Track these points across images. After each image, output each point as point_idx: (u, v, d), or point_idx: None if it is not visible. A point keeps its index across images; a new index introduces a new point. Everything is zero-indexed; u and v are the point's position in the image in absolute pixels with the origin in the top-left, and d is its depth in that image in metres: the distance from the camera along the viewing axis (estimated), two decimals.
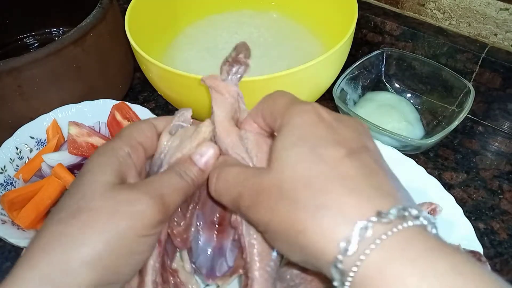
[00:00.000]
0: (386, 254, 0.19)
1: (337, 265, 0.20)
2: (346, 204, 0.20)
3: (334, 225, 0.20)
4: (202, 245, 0.30)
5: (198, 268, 0.30)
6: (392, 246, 0.19)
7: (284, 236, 0.22)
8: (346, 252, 0.19)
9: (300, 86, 0.49)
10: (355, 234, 0.19)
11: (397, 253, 0.19)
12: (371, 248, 0.19)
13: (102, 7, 0.54)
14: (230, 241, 0.30)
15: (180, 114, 0.31)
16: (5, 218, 0.44)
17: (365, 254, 0.19)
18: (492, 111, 0.59)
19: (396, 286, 0.18)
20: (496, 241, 0.47)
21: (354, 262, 0.19)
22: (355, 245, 0.19)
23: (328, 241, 0.20)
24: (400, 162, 0.47)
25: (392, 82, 0.62)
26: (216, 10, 0.69)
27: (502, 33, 0.58)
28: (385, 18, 0.64)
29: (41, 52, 0.48)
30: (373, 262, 0.19)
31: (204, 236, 0.30)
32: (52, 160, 0.48)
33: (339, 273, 0.20)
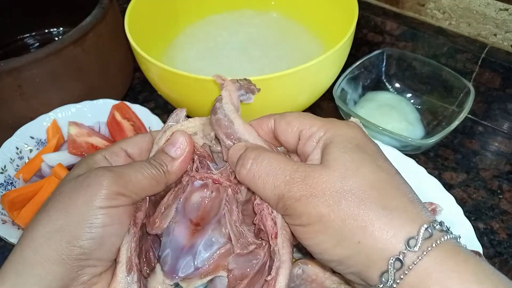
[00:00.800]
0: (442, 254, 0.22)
1: (400, 258, 0.22)
2: (410, 210, 0.23)
3: (401, 224, 0.22)
4: (172, 238, 0.29)
5: (162, 263, 0.29)
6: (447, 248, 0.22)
7: (337, 231, 0.23)
8: (412, 248, 0.21)
9: (300, 86, 0.49)
10: (421, 233, 0.22)
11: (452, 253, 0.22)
12: (433, 247, 0.22)
13: (102, 7, 0.54)
14: (203, 242, 0.29)
15: (175, 114, 0.32)
16: (6, 218, 0.44)
17: (427, 251, 0.21)
18: (492, 111, 0.59)
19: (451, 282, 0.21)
20: (495, 240, 0.47)
21: (417, 256, 0.21)
22: (420, 242, 0.22)
23: (393, 237, 0.22)
24: (401, 162, 0.47)
25: (392, 82, 0.62)
26: (216, 10, 0.69)
27: (502, 33, 0.58)
28: (385, 18, 0.64)
29: (41, 52, 0.48)
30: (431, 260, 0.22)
31: (177, 230, 0.30)
32: (52, 160, 0.48)
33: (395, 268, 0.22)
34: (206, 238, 0.29)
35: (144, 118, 0.53)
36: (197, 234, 0.30)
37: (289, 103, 0.52)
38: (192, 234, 0.30)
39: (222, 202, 0.30)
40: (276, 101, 0.50)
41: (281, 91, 0.48)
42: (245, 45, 0.63)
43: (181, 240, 0.29)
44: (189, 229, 0.30)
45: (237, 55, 0.62)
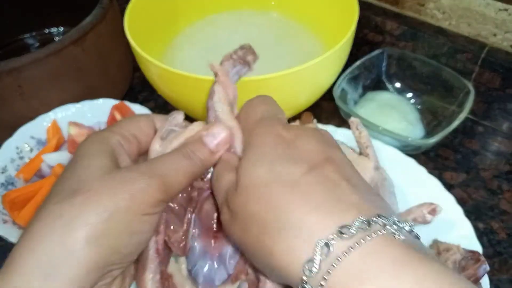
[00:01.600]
0: (349, 271, 0.19)
1: (304, 286, 0.19)
2: (307, 222, 0.20)
3: (297, 246, 0.20)
4: (198, 253, 0.29)
5: (195, 276, 0.29)
6: (354, 262, 0.19)
7: (257, 257, 0.23)
8: (311, 273, 0.19)
9: (300, 86, 0.49)
10: (317, 253, 0.19)
11: (358, 269, 0.18)
12: (333, 266, 0.19)
13: (102, 7, 0.54)
14: (230, 249, 0.29)
15: (172, 118, 0.30)
16: (6, 217, 0.44)
17: (328, 274, 0.19)
18: (492, 111, 0.59)
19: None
20: (495, 240, 0.47)
21: (318, 282, 0.19)
22: (317, 265, 0.19)
23: (293, 262, 0.20)
24: (401, 162, 0.47)
25: (392, 82, 0.62)
26: (216, 10, 0.69)
27: (502, 34, 0.58)
28: (385, 18, 0.64)
29: (41, 52, 0.48)
30: (338, 281, 0.19)
31: (201, 243, 0.29)
32: (52, 160, 0.48)
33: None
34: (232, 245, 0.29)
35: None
36: (219, 241, 0.29)
37: (289, 103, 0.52)
38: (215, 242, 0.29)
39: None
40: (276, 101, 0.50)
41: (281, 91, 0.48)
42: None
43: (207, 250, 0.29)
44: (210, 238, 0.29)
45: None
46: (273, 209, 0.21)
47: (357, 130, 0.46)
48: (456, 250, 0.38)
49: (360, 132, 0.46)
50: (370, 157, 0.45)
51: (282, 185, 0.22)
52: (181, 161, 0.26)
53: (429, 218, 0.38)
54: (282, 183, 0.22)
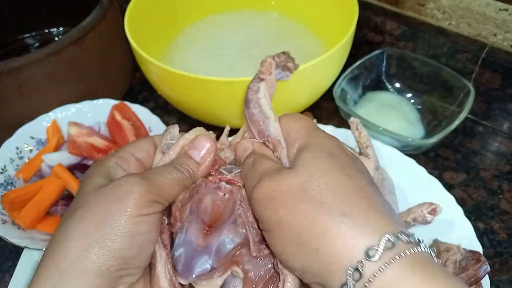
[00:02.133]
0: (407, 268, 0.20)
1: (358, 268, 0.20)
2: (372, 219, 0.22)
3: (360, 233, 0.21)
4: (185, 236, 0.29)
5: (175, 263, 0.29)
6: (413, 262, 0.21)
7: (296, 237, 0.22)
8: (371, 258, 0.20)
9: (300, 86, 0.49)
10: (382, 243, 0.21)
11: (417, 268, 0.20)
12: (396, 259, 0.20)
13: (102, 7, 0.54)
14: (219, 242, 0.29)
15: (168, 132, 0.31)
16: (6, 218, 0.44)
17: (389, 263, 0.20)
18: (492, 111, 0.59)
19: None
20: (495, 241, 0.47)
21: (377, 268, 0.20)
22: (380, 253, 0.20)
23: (351, 245, 0.21)
24: (401, 162, 0.47)
25: (392, 82, 0.62)
26: (216, 10, 0.69)
27: (502, 33, 0.58)
28: (385, 18, 0.64)
29: (41, 52, 0.48)
30: (394, 273, 0.20)
31: (190, 230, 0.29)
32: (52, 160, 0.48)
33: (354, 279, 0.21)
34: (222, 237, 0.29)
35: (144, 118, 0.53)
36: (210, 234, 0.29)
37: (289, 103, 0.52)
38: (206, 235, 0.29)
39: (236, 203, 0.29)
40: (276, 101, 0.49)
41: (281, 91, 0.48)
42: (245, 45, 0.63)
43: (194, 240, 0.29)
44: (202, 230, 0.29)
45: (237, 55, 0.62)
46: (340, 196, 0.22)
47: (357, 130, 0.46)
48: (456, 250, 0.38)
49: (360, 132, 0.46)
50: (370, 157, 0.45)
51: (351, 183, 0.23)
52: (171, 171, 0.28)
53: (429, 218, 0.38)
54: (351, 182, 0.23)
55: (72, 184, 0.46)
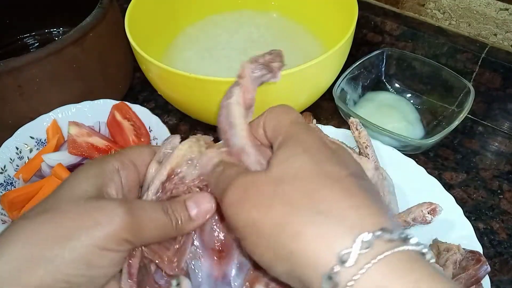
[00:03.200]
0: (386, 272, 0.18)
1: (331, 276, 0.18)
2: (349, 216, 0.20)
3: (334, 233, 0.19)
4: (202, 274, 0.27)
5: None
6: (394, 264, 0.18)
7: (271, 240, 0.21)
8: (345, 264, 0.18)
9: (300, 86, 0.49)
10: (356, 245, 0.19)
11: (399, 272, 0.18)
12: (373, 262, 0.18)
13: (102, 7, 0.54)
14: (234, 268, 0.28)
15: (168, 141, 0.30)
16: (5, 218, 0.44)
17: (365, 268, 0.18)
18: (492, 111, 0.59)
19: None
20: (495, 241, 0.47)
21: (351, 275, 0.18)
22: (355, 257, 0.18)
23: (325, 248, 0.19)
24: (400, 162, 0.47)
25: (392, 82, 0.62)
26: (216, 10, 0.69)
27: (502, 33, 0.58)
28: (385, 18, 0.64)
29: (41, 52, 0.48)
30: (372, 279, 0.18)
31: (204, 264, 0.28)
32: (52, 160, 0.48)
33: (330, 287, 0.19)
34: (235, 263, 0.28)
35: (144, 118, 0.53)
36: (223, 261, 0.28)
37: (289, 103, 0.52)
38: (219, 263, 0.28)
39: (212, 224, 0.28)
40: (276, 101, 0.49)
41: (281, 91, 0.48)
42: (245, 45, 0.63)
43: (211, 273, 0.28)
44: (214, 259, 0.28)
45: (237, 55, 0.62)
46: (313, 195, 0.21)
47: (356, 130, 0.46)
48: (456, 250, 0.38)
49: (359, 132, 0.46)
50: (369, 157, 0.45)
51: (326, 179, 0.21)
52: (158, 213, 0.26)
53: (429, 218, 0.38)
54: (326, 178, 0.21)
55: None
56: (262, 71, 0.28)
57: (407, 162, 0.47)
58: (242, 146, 0.27)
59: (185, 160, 0.28)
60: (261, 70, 0.28)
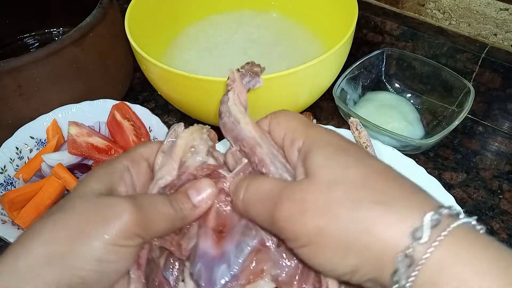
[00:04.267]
0: (456, 242, 0.20)
1: (408, 254, 0.20)
2: (410, 200, 0.22)
3: (403, 217, 0.21)
4: (200, 252, 0.28)
5: (197, 280, 0.28)
6: (460, 235, 0.20)
7: (343, 240, 0.22)
8: (419, 240, 0.20)
9: (300, 86, 0.49)
10: (426, 222, 0.20)
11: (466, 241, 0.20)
12: (443, 235, 0.20)
13: (102, 7, 0.54)
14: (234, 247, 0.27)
15: (172, 131, 0.30)
16: (5, 218, 0.44)
17: (438, 241, 0.20)
18: (492, 111, 0.59)
19: (469, 273, 0.19)
20: None
21: (426, 249, 0.20)
22: (428, 232, 0.20)
23: (398, 232, 0.20)
24: (400, 162, 0.47)
25: (392, 82, 0.62)
26: (216, 10, 0.69)
27: (502, 33, 0.58)
28: (385, 18, 0.64)
29: (41, 52, 0.48)
30: (444, 250, 0.20)
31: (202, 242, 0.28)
32: (52, 160, 0.48)
33: (406, 264, 0.20)
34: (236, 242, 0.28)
35: (144, 118, 0.53)
36: (223, 241, 0.28)
37: (289, 103, 0.52)
38: (218, 242, 0.28)
39: None
40: (276, 101, 0.50)
41: (281, 91, 0.48)
42: (245, 45, 0.64)
43: (209, 251, 0.28)
44: (213, 238, 0.28)
45: (237, 55, 0.62)
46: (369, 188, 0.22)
47: (356, 130, 0.46)
48: None
49: (359, 132, 0.46)
50: None
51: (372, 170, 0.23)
52: (164, 206, 0.26)
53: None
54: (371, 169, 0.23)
55: (72, 184, 0.46)
56: (246, 77, 0.30)
57: (407, 162, 0.47)
58: (253, 137, 0.27)
59: (188, 148, 0.29)
60: (247, 76, 0.30)
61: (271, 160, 0.26)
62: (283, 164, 0.26)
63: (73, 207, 0.25)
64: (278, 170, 0.26)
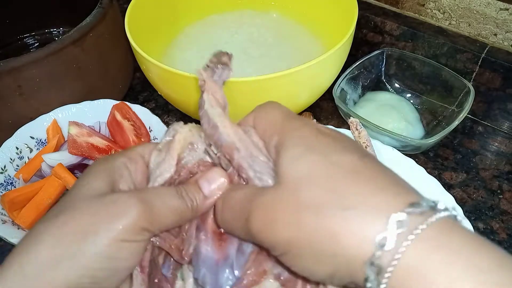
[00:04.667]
0: (425, 246, 0.19)
1: (374, 262, 0.19)
2: (374, 202, 0.20)
3: (366, 223, 0.20)
4: (203, 257, 0.27)
5: (202, 285, 0.27)
6: (431, 237, 0.19)
7: (311, 249, 0.21)
8: (383, 247, 0.19)
9: (300, 86, 0.49)
10: (390, 227, 0.19)
11: (437, 243, 0.19)
12: (410, 239, 0.19)
13: (102, 7, 0.54)
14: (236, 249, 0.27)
15: (171, 129, 0.29)
16: (6, 218, 0.44)
17: (405, 247, 0.19)
18: (492, 111, 0.59)
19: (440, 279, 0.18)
20: (495, 241, 0.47)
21: (392, 256, 0.19)
22: (393, 238, 0.19)
23: (362, 239, 0.20)
24: (400, 162, 0.47)
25: (392, 82, 0.62)
26: (216, 10, 0.69)
27: (502, 33, 0.58)
28: (385, 18, 0.64)
29: (41, 52, 0.48)
30: (413, 255, 0.19)
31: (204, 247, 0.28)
32: (52, 160, 0.48)
33: (375, 272, 0.19)
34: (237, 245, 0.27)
35: (144, 118, 0.53)
36: (225, 243, 0.28)
37: (289, 103, 0.52)
38: (220, 245, 0.28)
39: None
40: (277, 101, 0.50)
41: (281, 91, 0.48)
42: (245, 45, 0.63)
43: (211, 255, 0.27)
44: (215, 241, 0.28)
45: (237, 55, 0.62)
46: (334, 191, 0.21)
47: (356, 130, 0.46)
48: None
49: (359, 132, 0.46)
50: None
51: (339, 170, 0.21)
52: (172, 197, 0.26)
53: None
54: (339, 169, 0.21)
55: (72, 184, 0.46)
56: (217, 71, 0.29)
57: (407, 162, 0.47)
58: (232, 141, 0.26)
59: (187, 144, 0.28)
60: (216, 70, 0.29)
61: (249, 164, 0.26)
62: (264, 165, 0.25)
63: (76, 207, 0.24)
64: (256, 174, 0.25)
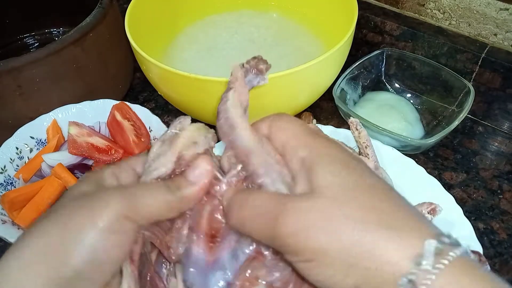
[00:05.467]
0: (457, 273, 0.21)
1: (410, 279, 0.20)
2: (412, 226, 0.22)
3: (406, 243, 0.21)
4: (193, 258, 0.27)
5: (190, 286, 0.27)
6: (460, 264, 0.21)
7: (344, 260, 0.22)
8: (421, 266, 0.20)
9: (300, 86, 0.49)
10: (429, 249, 0.21)
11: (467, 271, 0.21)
12: (445, 263, 0.20)
13: (102, 7, 0.54)
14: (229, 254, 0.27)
15: (178, 122, 0.29)
16: (5, 218, 0.44)
17: (440, 269, 0.20)
18: (492, 111, 0.59)
19: None
20: (495, 241, 0.47)
21: (428, 276, 0.20)
22: (431, 258, 0.20)
23: (401, 256, 0.21)
24: (400, 162, 0.47)
25: (392, 82, 0.62)
26: (216, 10, 0.69)
27: (502, 33, 0.58)
28: (385, 18, 0.64)
29: (41, 52, 0.48)
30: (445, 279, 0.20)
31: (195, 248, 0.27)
32: (52, 160, 0.48)
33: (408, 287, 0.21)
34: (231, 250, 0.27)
35: (144, 118, 0.53)
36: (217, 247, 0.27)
37: (289, 103, 0.52)
38: (212, 248, 0.27)
39: None
40: (276, 101, 0.50)
41: (281, 91, 0.48)
42: (245, 45, 0.64)
43: (202, 257, 0.27)
44: (207, 243, 0.27)
45: (237, 55, 0.62)
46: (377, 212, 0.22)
47: (356, 130, 0.46)
48: None
49: (359, 132, 0.46)
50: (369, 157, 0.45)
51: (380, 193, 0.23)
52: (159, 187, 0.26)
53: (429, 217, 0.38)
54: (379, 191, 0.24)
55: (72, 184, 0.46)
56: (250, 75, 0.29)
57: (407, 162, 0.47)
58: (249, 146, 0.26)
59: (190, 142, 0.28)
60: (249, 74, 0.29)
61: (266, 170, 0.26)
62: (279, 174, 0.25)
63: (61, 206, 0.25)
64: (273, 182, 0.25)
